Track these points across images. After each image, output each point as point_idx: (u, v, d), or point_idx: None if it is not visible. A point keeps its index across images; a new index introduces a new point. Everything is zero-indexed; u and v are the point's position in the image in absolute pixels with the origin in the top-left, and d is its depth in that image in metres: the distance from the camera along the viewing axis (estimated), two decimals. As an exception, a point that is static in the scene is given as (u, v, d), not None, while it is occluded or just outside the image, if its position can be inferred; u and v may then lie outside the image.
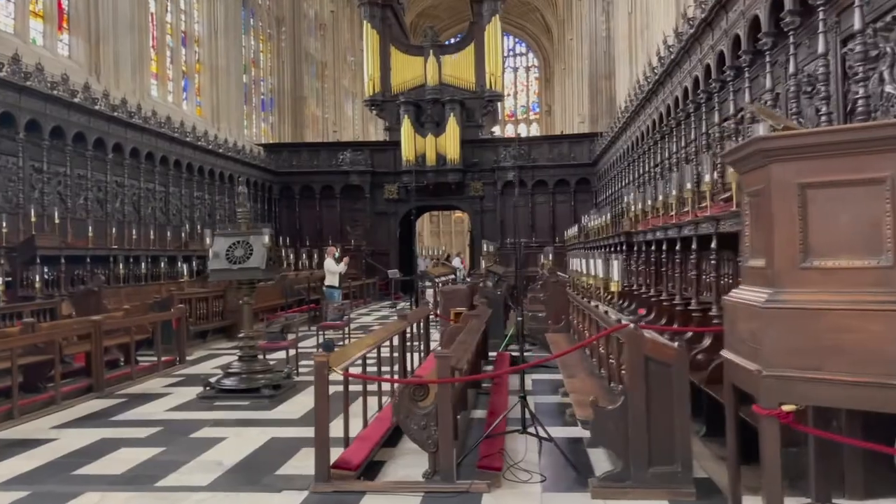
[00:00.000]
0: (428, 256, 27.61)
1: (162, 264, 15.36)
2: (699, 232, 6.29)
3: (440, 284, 18.10)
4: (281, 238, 24.27)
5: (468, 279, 17.93)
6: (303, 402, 7.60)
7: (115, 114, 15.95)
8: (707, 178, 6.83)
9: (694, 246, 6.50)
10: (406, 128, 25.77)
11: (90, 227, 13.98)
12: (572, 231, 21.59)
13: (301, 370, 9.24)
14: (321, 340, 11.35)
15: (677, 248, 7.27)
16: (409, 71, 27.16)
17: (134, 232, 15.17)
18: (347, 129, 42.61)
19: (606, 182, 22.41)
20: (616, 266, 5.51)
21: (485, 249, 16.89)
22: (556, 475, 4.84)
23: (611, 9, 29.18)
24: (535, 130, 63.21)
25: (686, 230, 6.65)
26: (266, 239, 7.88)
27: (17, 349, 6.96)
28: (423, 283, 18.16)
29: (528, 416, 5.56)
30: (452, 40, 35.27)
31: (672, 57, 11.97)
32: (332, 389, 4.94)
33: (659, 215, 9.23)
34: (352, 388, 5.46)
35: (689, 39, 10.88)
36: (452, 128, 25.56)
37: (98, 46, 17.27)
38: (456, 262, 24.58)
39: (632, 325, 4.34)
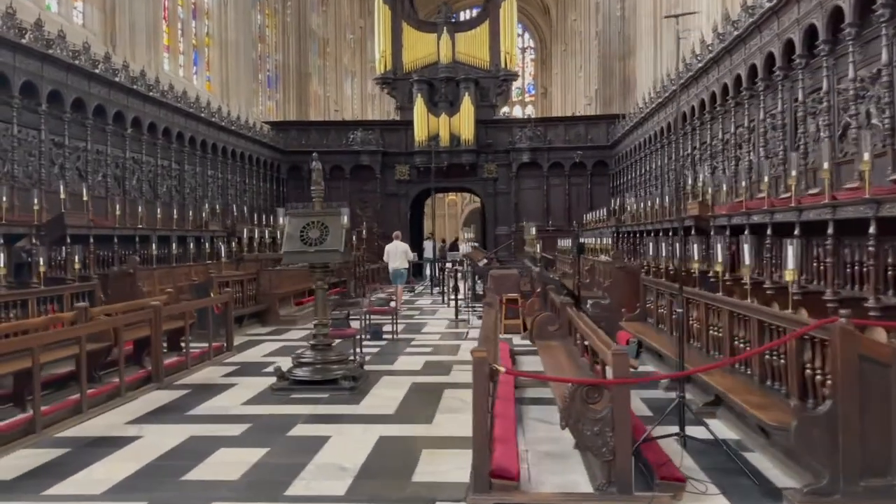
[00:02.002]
0: (432, 239, 27.03)
1: (191, 245, 14.67)
2: (858, 215, 5.74)
3: (468, 270, 17.62)
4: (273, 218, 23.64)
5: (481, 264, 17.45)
6: (387, 395, 7.10)
7: (135, 86, 15.21)
8: (826, 164, 6.33)
9: (830, 230, 6.03)
10: (419, 107, 25.13)
11: (116, 206, 13.32)
12: (594, 215, 21.17)
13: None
14: (367, 326, 10.80)
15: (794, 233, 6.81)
16: (421, 48, 26.48)
17: (159, 211, 14.46)
18: (347, 109, 41.79)
19: (629, 164, 21.93)
20: (791, 252, 5.01)
21: (528, 233, 16.33)
22: (731, 485, 4.38)
23: (626, -13, 28.61)
24: (530, 112, 62.55)
25: (844, 211, 6.07)
26: (345, 219, 7.33)
27: (84, 337, 6.37)
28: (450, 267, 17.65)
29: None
30: (463, 14, 34.52)
31: (737, 33, 11.44)
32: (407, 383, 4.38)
33: (742, 198, 8.81)
34: (422, 380, 4.95)
35: (768, 13, 10.36)
36: (467, 107, 24.95)
37: (114, 15, 16.47)
38: (464, 248, 24.04)
39: (842, 320, 3.87)
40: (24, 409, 6.49)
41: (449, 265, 18.94)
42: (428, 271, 24.77)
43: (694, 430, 5.10)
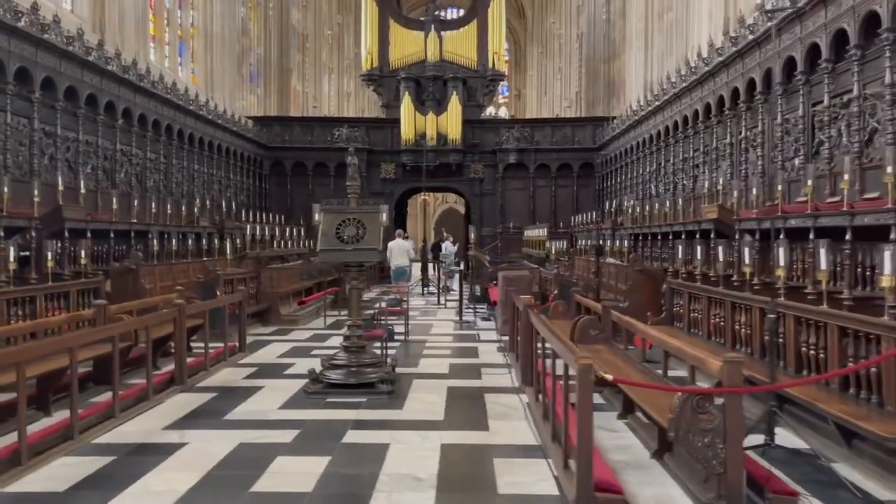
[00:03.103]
0: (410, 238, 26.79)
1: (189, 241, 14.18)
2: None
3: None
4: (271, 215, 23.16)
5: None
6: (427, 399, 6.85)
7: (127, 76, 14.67)
8: (890, 168, 6.26)
9: (893, 235, 5.95)
10: (406, 105, 24.86)
11: (113, 199, 12.87)
12: (584, 217, 21.13)
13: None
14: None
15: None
16: (408, 46, 26.21)
17: (154, 205, 13.95)
18: (324, 105, 41.28)
19: (619, 167, 21.94)
20: (888, 258, 4.89)
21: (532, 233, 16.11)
22: (832, 498, 4.24)
23: (614, -9, 28.73)
24: (504, 114, 62.58)
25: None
26: (384, 217, 7.06)
27: (117, 337, 6.00)
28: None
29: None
30: (448, 13, 34.26)
31: (754, 37, 11.43)
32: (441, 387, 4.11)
33: (778, 202, 8.75)
34: (456, 384, 4.74)
35: (785, 20, 10.36)
36: (454, 107, 24.76)
37: (103, 2, 15.86)
38: (447, 246, 23.84)
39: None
40: (48, 413, 6.12)
41: (443, 265, 18.74)
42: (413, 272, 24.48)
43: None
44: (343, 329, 7.48)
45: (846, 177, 6.83)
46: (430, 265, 25.47)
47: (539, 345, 6.88)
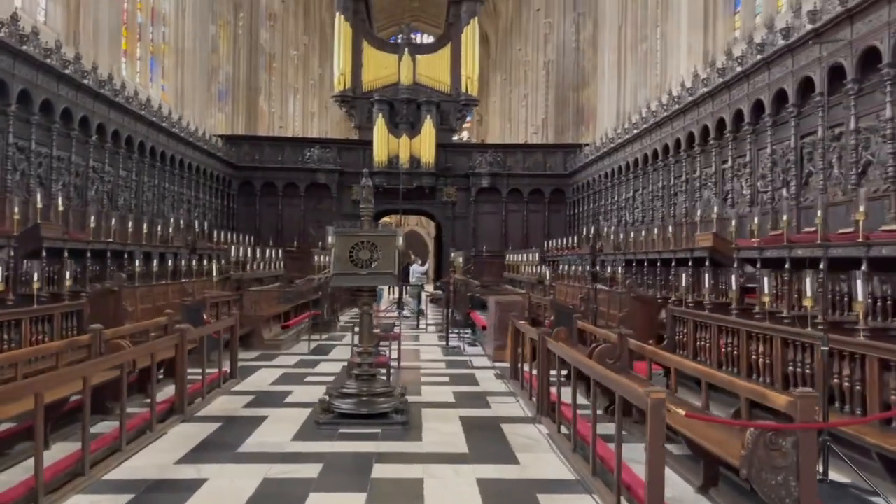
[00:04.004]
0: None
1: (168, 262, 13.68)
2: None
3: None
4: (239, 236, 22.64)
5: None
6: (444, 430, 6.62)
7: (102, 90, 14.23)
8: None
9: None
10: (380, 127, 24.76)
11: (91, 218, 12.38)
12: (559, 241, 21.19)
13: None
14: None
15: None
16: (382, 68, 26.18)
17: (130, 225, 13.46)
18: (289, 125, 40.87)
19: (592, 193, 22.13)
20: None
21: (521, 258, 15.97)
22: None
23: (581, 21, 29.20)
24: (465, 138, 62.89)
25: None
26: (400, 240, 6.87)
27: (125, 364, 5.65)
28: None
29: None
30: (420, 36, 34.33)
31: (742, 69, 11.63)
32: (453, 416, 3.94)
33: (782, 231, 8.83)
34: (468, 413, 4.59)
35: (777, 52, 10.57)
36: (428, 130, 24.75)
37: (78, 13, 15.41)
38: (417, 268, 23.64)
39: None
40: (47, 447, 5.70)
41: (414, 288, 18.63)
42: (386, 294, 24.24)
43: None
44: (329, 354, 7.25)
45: (861, 208, 6.89)
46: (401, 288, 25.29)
47: (554, 372, 6.78)
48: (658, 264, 12.69)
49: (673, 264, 11.88)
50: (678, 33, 16.93)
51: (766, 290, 6.90)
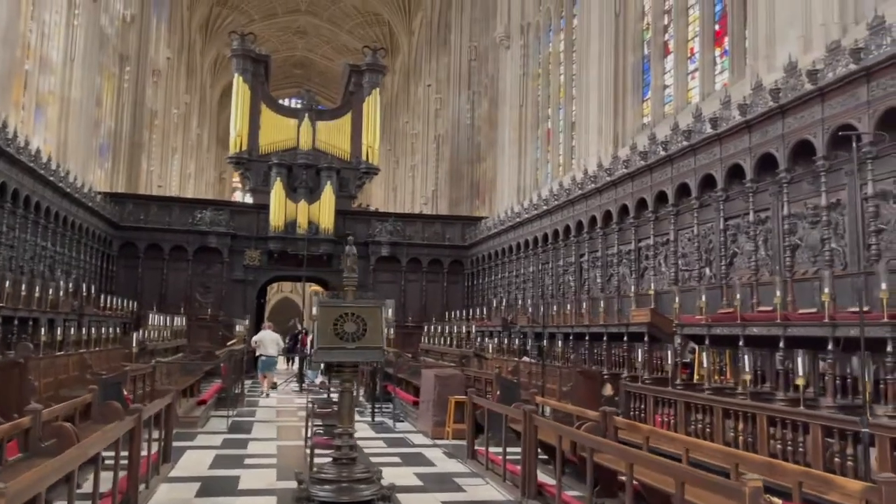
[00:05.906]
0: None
1: (58, 329, 12.27)
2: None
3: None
4: (119, 301, 20.93)
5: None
6: (434, 518, 6.18)
7: (-7, 139, 12.92)
8: (884, 285, 6.74)
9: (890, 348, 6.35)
10: (277, 191, 24.08)
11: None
12: (461, 313, 21.16)
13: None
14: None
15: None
16: (280, 132, 25.63)
17: (24, 288, 12.05)
18: (167, 186, 39.03)
19: (492, 266, 22.43)
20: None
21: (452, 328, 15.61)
22: None
23: (476, 98, 30.19)
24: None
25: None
26: (389, 312, 6.51)
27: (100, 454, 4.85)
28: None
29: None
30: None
31: (666, 153, 12.26)
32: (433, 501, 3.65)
33: (735, 309, 9.17)
34: (447, 497, 4.40)
35: (703, 142, 11.24)
36: (328, 196, 24.33)
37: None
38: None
39: None
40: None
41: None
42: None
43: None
44: (251, 432, 6.64)
45: (826, 290, 7.27)
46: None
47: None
48: (587, 338, 12.87)
49: (605, 339, 12.07)
50: (587, 115, 17.77)
51: (748, 369, 7.05)
